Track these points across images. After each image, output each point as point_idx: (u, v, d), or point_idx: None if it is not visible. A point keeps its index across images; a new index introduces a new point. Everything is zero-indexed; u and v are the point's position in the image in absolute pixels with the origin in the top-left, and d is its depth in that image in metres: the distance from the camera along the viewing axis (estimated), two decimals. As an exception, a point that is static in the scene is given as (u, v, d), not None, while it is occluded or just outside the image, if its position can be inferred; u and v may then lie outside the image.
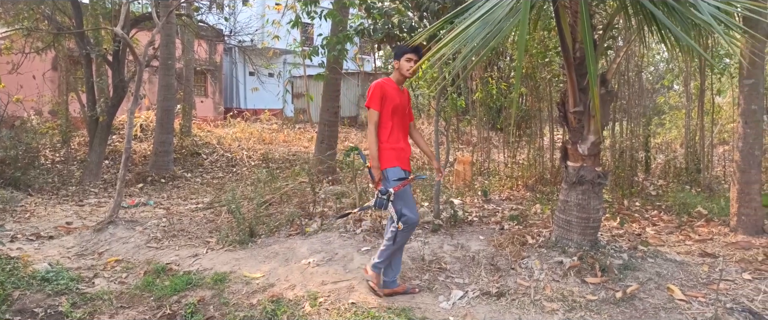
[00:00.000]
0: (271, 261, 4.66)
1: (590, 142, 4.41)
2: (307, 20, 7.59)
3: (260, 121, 17.42)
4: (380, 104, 3.77)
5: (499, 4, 3.57)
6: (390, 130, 3.80)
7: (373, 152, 3.73)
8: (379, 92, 3.77)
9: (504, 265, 4.33)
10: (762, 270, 4.19)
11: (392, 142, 3.79)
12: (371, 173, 3.73)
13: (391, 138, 3.80)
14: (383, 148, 3.76)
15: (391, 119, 3.81)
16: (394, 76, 3.92)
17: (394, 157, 3.77)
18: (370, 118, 3.78)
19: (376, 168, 3.71)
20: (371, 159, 3.73)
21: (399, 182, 3.71)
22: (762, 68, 5.54)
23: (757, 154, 5.21)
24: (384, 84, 3.83)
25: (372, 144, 3.74)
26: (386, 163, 3.74)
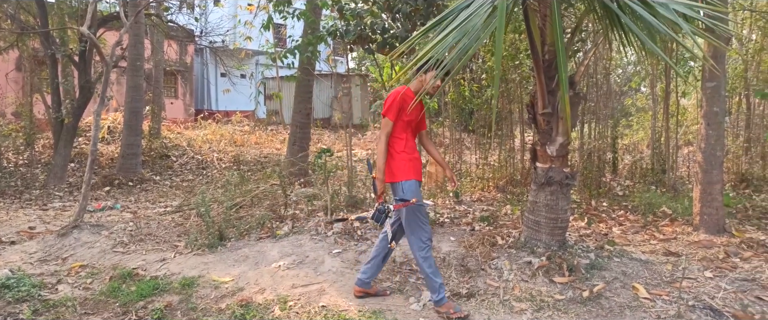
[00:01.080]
0: (241, 264, 4.61)
1: (559, 144, 4.47)
2: (280, 21, 7.54)
3: (232, 122, 17.23)
4: (397, 115, 3.62)
5: (476, 12, 3.59)
6: (405, 141, 3.66)
7: (379, 163, 3.59)
8: (398, 104, 3.61)
9: (474, 266, 4.36)
10: (723, 268, 4.31)
11: (409, 152, 3.65)
12: (374, 185, 3.60)
13: (407, 147, 3.66)
14: (401, 158, 3.61)
15: (405, 131, 3.68)
16: (414, 86, 3.77)
17: (411, 169, 3.62)
18: (384, 128, 3.63)
19: (380, 181, 3.57)
20: (377, 170, 3.60)
21: (418, 195, 3.59)
22: (723, 71, 5.70)
23: (719, 154, 5.35)
24: (405, 95, 3.66)
25: (380, 155, 3.59)
26: (403, 175, 3.59)
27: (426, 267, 3.62)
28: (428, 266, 3.63)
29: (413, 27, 6.22)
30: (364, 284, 3.87)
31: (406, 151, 3.63)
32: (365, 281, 3.86)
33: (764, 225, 5.61)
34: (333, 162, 9.92)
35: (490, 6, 3.59)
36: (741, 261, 4.48)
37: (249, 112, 19.97)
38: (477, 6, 3.64)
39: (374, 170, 3.65)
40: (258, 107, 19.67)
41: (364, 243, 4.93)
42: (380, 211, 3.52)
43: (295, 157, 8.18)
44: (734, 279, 4.09)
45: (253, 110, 19.80)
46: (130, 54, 10.16)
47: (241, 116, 17.89)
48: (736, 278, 4.11)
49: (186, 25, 16.79)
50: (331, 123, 17.60)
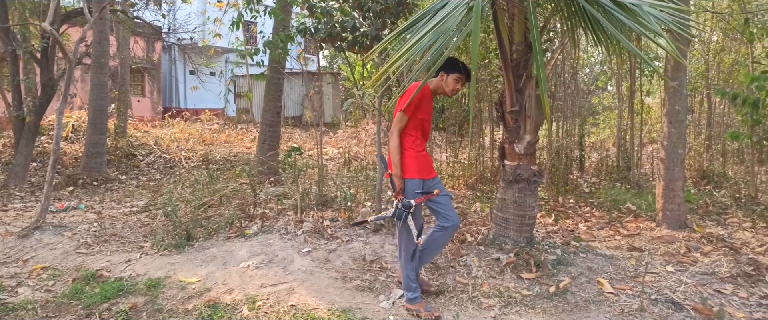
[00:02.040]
0: (209, 264, 4.55)
1: (526, 142, 4.53)
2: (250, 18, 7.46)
3: (201, 121, 16.98)
4: (413, 112, 3.50)
5: (451, 14, 3.61)
6: (414, 138, 3.55)
7: (395, 159, 3.47)
8: (416, 100, 3.48)
9: (443, 263, 4.39)
10: (684, 263, 4.43)
11: (417, 149, 3.54)
12: (392, 182, 3.48)
13: (415, 144, 3.55)
14: (408, 154, 3.51)
15: (417, 129, 3.57)
16: (434, 84, 3.67)
17: (415, 167, 3.51)
18: (397, 123, 3.50)
19: (397, 177, 3.46)
20: (393, 166, 3.48)
21: (419, 195, 3.50)
22: (685, 71, 5.86)
23: (681, 152, 5.50)
24: (424, 92, 3.54)
25: (394, 151, 3.47)
26: (407, 173, 3.49)
27: (409, 267, 3.60)
28: (411, 267, 3.60)
29: (384, 25, 6.22)
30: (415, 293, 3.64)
31: (414, 148, 3.52)
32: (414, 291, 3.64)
33: (723, 220, 5.79)
34: (303, 161, 9.88)
35: (465, 7, 3.62)
36: (701, 255, 4.61)
37: (219, 110, 19.72)
38: (452, 7, 3.66)
39: (393, 167, 3.51)
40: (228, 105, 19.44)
41: (334, 242, 4.91)
42: (403, 207, 3.41)
43: (265, 155, 8.10)
44: (694, 273, 4.21)
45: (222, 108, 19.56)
46: (94, 51, 9.91)
47: (210, 114, 17.65)
48: (697, 272, 4.24)
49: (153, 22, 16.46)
50: (303, 121, 17.50)
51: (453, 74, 3.60)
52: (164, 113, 19.67)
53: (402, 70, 4.23)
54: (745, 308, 3.67)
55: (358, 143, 13.34)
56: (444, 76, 3.63)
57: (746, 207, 6.24)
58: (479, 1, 3.33)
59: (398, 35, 4.21)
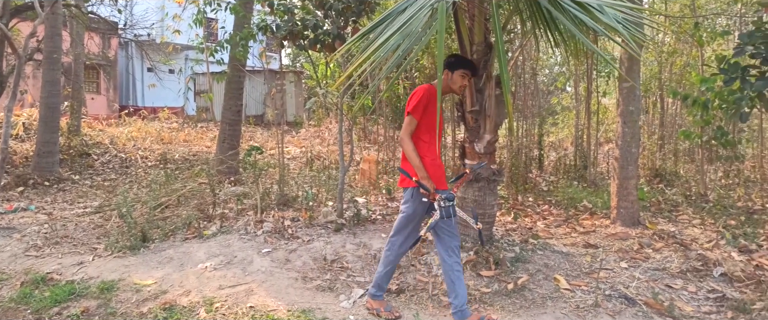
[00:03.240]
0: (165, 266, 4.45)
1: (486, 141, 4.58)
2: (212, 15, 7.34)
3: (159, 119, 16.57)
4: (421, 114, 3.33)
5: (416, 16, 3.61)
6: (428, 144, 3.37)
7: (416, 162, 3.26)
8: (425, 100, 3.32)
9: (404, 262, 4.41)
10: (637, 259, 4.57)
11: (431, 157, 3.36)
12: (422, 186, 3.24)
13: (430, 151, 3.36)
14: (424, 162, 3.30)
15: (428, 132, 3.39)
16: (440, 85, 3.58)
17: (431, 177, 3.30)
18: (407, 127, 3.33)
19: (425, 179, 3.23)
20: (417, 169, 3.26)
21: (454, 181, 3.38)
22: (638, 72, 6.03)
23: (634, 151, 5.66)
24: (431, 92, 3.37)
25: (412, 154, 3.27)
26: (410, 182, 3.33)
27: (385, 265, 3.56)
28: (388, 271, 3.56)
29: (346, 24, 6.20)
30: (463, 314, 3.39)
31: (428, 156, 3.33)
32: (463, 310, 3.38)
33: (674, 217, 5.99)
34: (265, 160, 9.76)
35: (429, 9, 3.63)
36: (653, 251, 4.76)
37: (178, 108, 19.29)
38: (416, 9, 3.67)
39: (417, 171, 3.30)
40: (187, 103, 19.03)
41: (294, 242, 4.87)
42: (448, 200, 3.20)
43: (224, 154, 7.96)
44: (647, 269, 4.34)
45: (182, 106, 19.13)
46: (46, 46, 9.54)
47: (169, 113, 17.25)
48: (649, 268, 4.37)
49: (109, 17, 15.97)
50: (265, 120, 17.29)
51: (458, 70, 3.48)
52: (121, 111, 19.12)
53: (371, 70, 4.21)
54: (694, 302, 3.80)
55: (321, 142, 13.26)
56: (449, 74, 3.49)
57: (696, 205, 6.47)
58: (443, 3, 3.35)
59: (362, 36, 4.20)
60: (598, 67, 9.99)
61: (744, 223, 5.46)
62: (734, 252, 4.57)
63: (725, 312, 3.61)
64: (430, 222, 3.31)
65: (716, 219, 5.69)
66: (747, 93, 4.64)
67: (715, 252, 4.57)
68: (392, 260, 3.56)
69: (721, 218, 5.69)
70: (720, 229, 5.29)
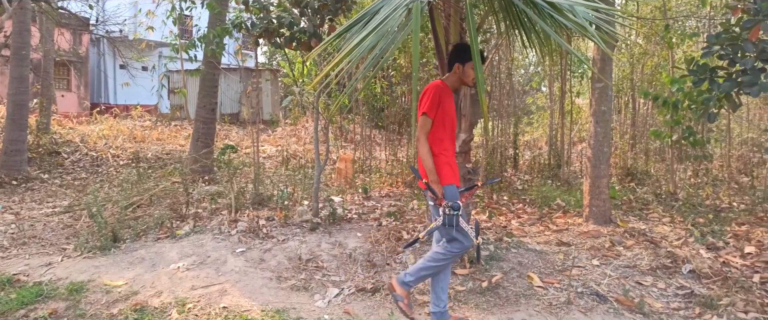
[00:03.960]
0: (136, 267, 4.37)
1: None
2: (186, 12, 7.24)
3: (132, 117, 16.28)
4: (436, 112, 3.24)
5: (392, 16, 3.60)
6: (443, 142, 3.27)
7: (429, 165, 3.18)
8: (437, 98, 3.23)
9: (380, 261, 4.41)
10: (608, 256, 4.64)
11: (447, 155, 3.26)
12: (431, 189, 3.17)
13: (445, 150, 3.28)
14: (438, 161, 3.22)
15: (443, 130, 3.29)
16: (451, 80, 3.41)
17: (450, 174, 3.22)
18: (422, 127, 3.24)
19: (435, 183, 3.16)
20: (428, 172, 3.18)
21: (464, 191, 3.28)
22: (610, 72, 6.12)
23: (606, 150, 5.75)
24: (443, 88, 3.29)
25: (426, 155, 3.19)
26: (444, 180, 3.21)
27: (427, 271, 3.31)
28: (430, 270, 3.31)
29: (322, 22, 6.16)
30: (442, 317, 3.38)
31: (444, 154, 3.25)
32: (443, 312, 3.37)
33: (645, 215, 6.10)
34: (240, 159, 9.66)
35: (404, 9, 3.62)
36: (624, 249, 4.84)
37: (151, 106, 18.98)
38: (392, 9, 3.66)
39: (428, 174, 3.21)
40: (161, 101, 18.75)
41: (269, 242, 4.83)
42: (453, 210, 3.11)
43: (198, 153, 7.86)
44: (618, 266, 4.42)
45: (155, 104, 18.84)
46: (14, 42, 9.29)
47: (142, 111, 16.95)
48: (620, 265, 4.44)
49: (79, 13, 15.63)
50: (240, 119, 17.11)
51: (470, 63, 3.33)
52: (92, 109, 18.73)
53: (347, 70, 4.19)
54: (663, 299, 3.88)
55: (297, 141, 13.19)
56: (459, 68, 3.37)
57: (666, 203, 6.60)
58: (418, 3, 3.36)
59: (338, 36, 4.18)
60: (572, 67, 10.13)
61: (712, 221, 5.59)
62: (702, 250, 4.67)
63: (693, 308, 3.69)
64: (431, 227, 3.27)
65: (685, 217, 5.82)
66: (715, 94, 4.75)
67: (684, 250, 4.66)
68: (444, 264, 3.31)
69: (689, 216, 5.81)
70: (689, 227, 5.40)
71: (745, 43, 4.48)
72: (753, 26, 4.49)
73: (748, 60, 4.40)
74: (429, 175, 3.18)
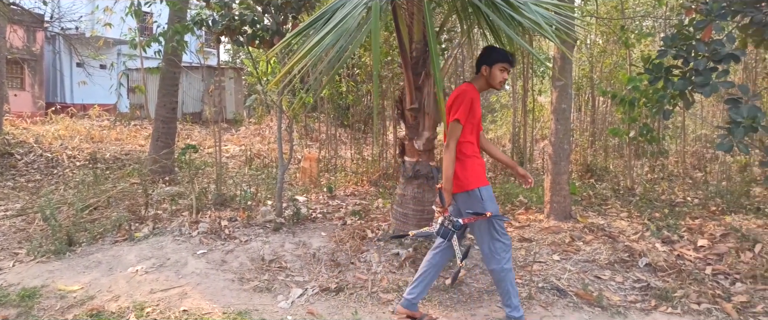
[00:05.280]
0: (93, 271, 4.24)
1: (425, 138, 4.62)
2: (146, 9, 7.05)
3: (89, 117, 15.81)
4: (467, 117, 3.20)
5: (351, 14, 3.58)
6: (473, 145, 3.27)
7: (448, 173, 3.14)
8: (468, 104, 3.19)
9: (344, 260, 4.39)
10: (568, 252, 4.73)
11: (479, 158, 3.26)
12: (441, 196, 3.15)
13: (477, 152, 3.28)
14: (473, 163, 3.21)
15: (473, 133, 3.28)
16: (479, 83, 3.36)
17: (482, 175, 3.23)
18: (452, 133, 3.18)
19: (447, 191, 3.15)
20: (444, 179, 3.15)
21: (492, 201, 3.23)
22: (570, 71, 6.24)
23: (566, 147, 5.86)
24: (473, 93, 3.26)
25: (450, 164, 3.14)
26: (479, 181, 3.19)
27: (507, 282, 3.24)
28: (510, 281, 3.25)
29: (285, 20, 6.10)
30: (410, 305, 3.42)
31: (477, 156, 3.25)
32: (412, 302, 3.41)
33: (604, 210, 6.24)
34: (202, 159, 9.49)
35: (364, 7, 3.61)
36: (584, 244, 4.94)
37: (110, 105, 18.48)
38: (351, 7, 3.64)
39: (444, 181, 3.18)
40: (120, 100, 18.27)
41: (231, 243, 4.76)
42: (452, 226, 3.12)
43: (158, 153, 7.68)
44: (578, 261, 4.51)
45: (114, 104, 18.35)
46: (-39, 38, 8.92)
47: (100, 110, 16.50)
48: (579, 260, 4.54)
49: (33, 9, 15.09)
50: (203, 118, 16.81)
51: (497, 64, 3.30)
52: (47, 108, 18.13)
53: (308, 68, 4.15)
54: (621, 292, 3.98)
55: (261, 140, 13.03)
56: (486, 70, 3.32)
57: (624, 198, 6.77)
58: (377, 2, 3.35)
59: (298, 34, 4.14)
60: (533, 66, 10.29)
61: (667, 215, 5.76)
62: (658, 243, 4.81)
63: (649, 301, 3.80)
64: (424, 230, 3.28)
65: (642, 212, 5.98)
66: (669, 92, 4.89)
67: (640, 244, 4.79)
68: (507, 268, 3.26)
69: (646, 211, 5.98)
70: (645, 221, 5.55)
71: (698, 44, 4.63)
72: (705, 26, 4.64)
73: (701, 60, 4.55)
74: (444, 183, 3.16)
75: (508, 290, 3.26)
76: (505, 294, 3.27)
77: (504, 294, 3.28)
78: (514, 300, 3.27)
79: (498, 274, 3.25)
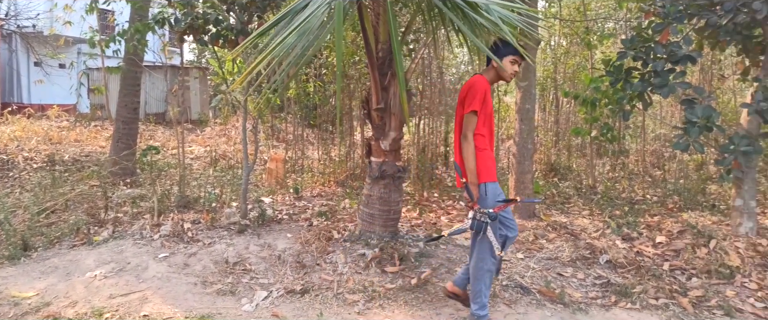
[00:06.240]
0: (49, 276, 4.11)
1: (391, 138, 4.63)
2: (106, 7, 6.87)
3: (48, 117, 15.32)
4: (481, 108, 3.19)
5: (314, 14, 3.56)
6: (484, 137, 3.25)
7: (471, 166, 3.14)
8: (483, 94, 3.19)
9: (310, 262, 4.36)
10: (532, 249, 4.80)
11: (490, 152, 3.25)
12: (468, 189, 3.13)
13: (487, 144, 3.25)
14: (484, 156, 3.20)
15: (485, 125, 3.26)
16: (490, 75, 3.38)
17: (493, 170, 3.24)
18: (469, 125, 3.18)
19: (474, 185, 3.13)
20: (469, 173, 3.14)
21: (498, 203, 3.21)
22: (534, 72, 6.34)
23: (530, 147, 5.95)
24: (486, 84, 3.27)
25: (470, 155, 3.15)
26: (486, 177, 3.18)
27: (482, 283, 3.28)
28: (485, 283, 3.29)
29: (250, 19, 6.02)
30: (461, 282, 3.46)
31: (488, 150, 3.25)
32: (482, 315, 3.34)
33: (567, 209, 6.36)
34: (165, 160, 9.30)
35: (327, 7, 3.59)
36: (547, 242, 5.02)
37: (69, 106, 17.94)
38: (315, 6, 3.62)
39: (468, 174, 3.17)
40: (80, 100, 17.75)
41: (194, 245, 4.67)
42: (487, 217, 3.08)
43: (119, 155, 7.48)
44: (541, 259, 4.58)
45: (74, 104, 17.82)
46: None
47: (59, 110, 16.00)
48: (542, 257, 4.61)
49: (-13, 6, 14.57)
50: (166, 118, 16.46)
51: (508, 57, 3.32)
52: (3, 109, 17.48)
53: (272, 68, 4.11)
54: (582, 289, 4.06)
55: (227, 141, 12.84)
56: (497, 64, 3.34)
57: (586, 197, 6.92)
58: (340, 2, 3.34)
59: (261, 34, 4.09)
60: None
61: (627, 213, 5.91)
62: (618, 241, 4.93)
63: (610, 297, 3.88)
64: (457, 228, 3.24)
65: (603, 210, 6.12)
66: (628, 93, 5.02)
67: (601, 241, 4.90)
68: (489, 269, 3.29)
69: (607, 209, 6.12)
70: (606, 219, 5.68)
71: (656, 46, 4.77)
72: (663, 29, 4.78)
73: (659, 62, 4.68)
74: (469, 176, 3.14)
75: (481, 289, 3.30)
76: (477, 293, 3.31)
77: (476, 292, 3.31)
78: (483, 299, 3.31)
79: (478, 272, 3.29)
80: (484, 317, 3.33)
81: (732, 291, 3.93)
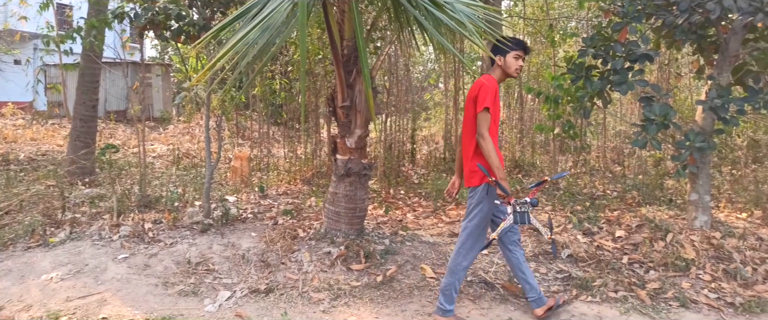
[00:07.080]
0: (2, 279, 3.97)
1: (357, 136, 4.62)
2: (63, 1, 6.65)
3: (3, 115, 14.79)
4: (493, 106, 3.20)
5: (277, 9, 3.51)
6: (493, 136, 3.25)
7: (495, 162, 3.15)
8: (494, 93, 3.20)
9: (274, 261, 4.32)
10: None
11: (497, 149, 3.24)
12: (501, 186, 3.13)
13: (495, 144, 3.25)
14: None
15: (494, 123, 3.28)
16: (497, 74, 3.37)
17: (503, 166, 3.25)
18: (484, 123, 3.18)
19: (504, 179, 3.15)
20: (495, 169, 3.15)
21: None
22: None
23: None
24: (495, 83, 3.28)
25: (492, 152, 3.15)
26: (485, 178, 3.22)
27: (456, 279, 3.37)
28: (458, 279, 3.37)
29: (213, 15, 5.93)
30: (539, 301, 3.49)
31: (496, 149, 3.25)
32: (538, 298, 3.49)
33: (531, 205, 6.45)
34: (126, 159, 9.09)
35: (290, 3, 3.55)
36: (511, 237, 5.08)
37: (26, 103, 17.35)
38: (278, 2, 3.58)
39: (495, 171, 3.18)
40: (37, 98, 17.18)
41: (155, 246, 4.57)
42: (529, 205, 3.11)
43: (77, 154, 7.27)
44: (505, 254, 4.63)
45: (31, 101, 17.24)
46: None
47: (14, 108, 15.45)
48: (507, 253, 4.66)
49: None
50: (127, 116, 16.06)
51: (511, 53, 3.33)
52: (-46, 106, 16.82)
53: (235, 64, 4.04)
54: (545, 283, 4.13)
55: (190, 139, 12.63)
56: (501, 60, 3.35)
57: (549, 192, 7.04)
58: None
59: (223, 28, 4.02)
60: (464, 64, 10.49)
61: (588, 208, 6.03)
62: (579, 235, 5.02)
63: (571, 291, 3.96)
64: (503, 226, 3.24)
65: (565, 205, 6.23)
66: (588, 91, 5.12)
67: (563, 236, 4.99)
68: (466, 266, 3.40)
69: (569, 204, 6.24)
70: (568, 214, 5.79)
71: (615, 45, 4.87)
72: (621, 28, 4.89)
73: (618, 60, 4.79)
74: (497, 172, 3.16)
75: (453, 283, 3.38)
76: (448, 286, 3.39)
77: (447, 285, 3.39)
78: (453, 294, 3.40)
79: (455, 267, 3.38)
80: (450, 312, 3.38)
81: (687, 282, 4.05)
